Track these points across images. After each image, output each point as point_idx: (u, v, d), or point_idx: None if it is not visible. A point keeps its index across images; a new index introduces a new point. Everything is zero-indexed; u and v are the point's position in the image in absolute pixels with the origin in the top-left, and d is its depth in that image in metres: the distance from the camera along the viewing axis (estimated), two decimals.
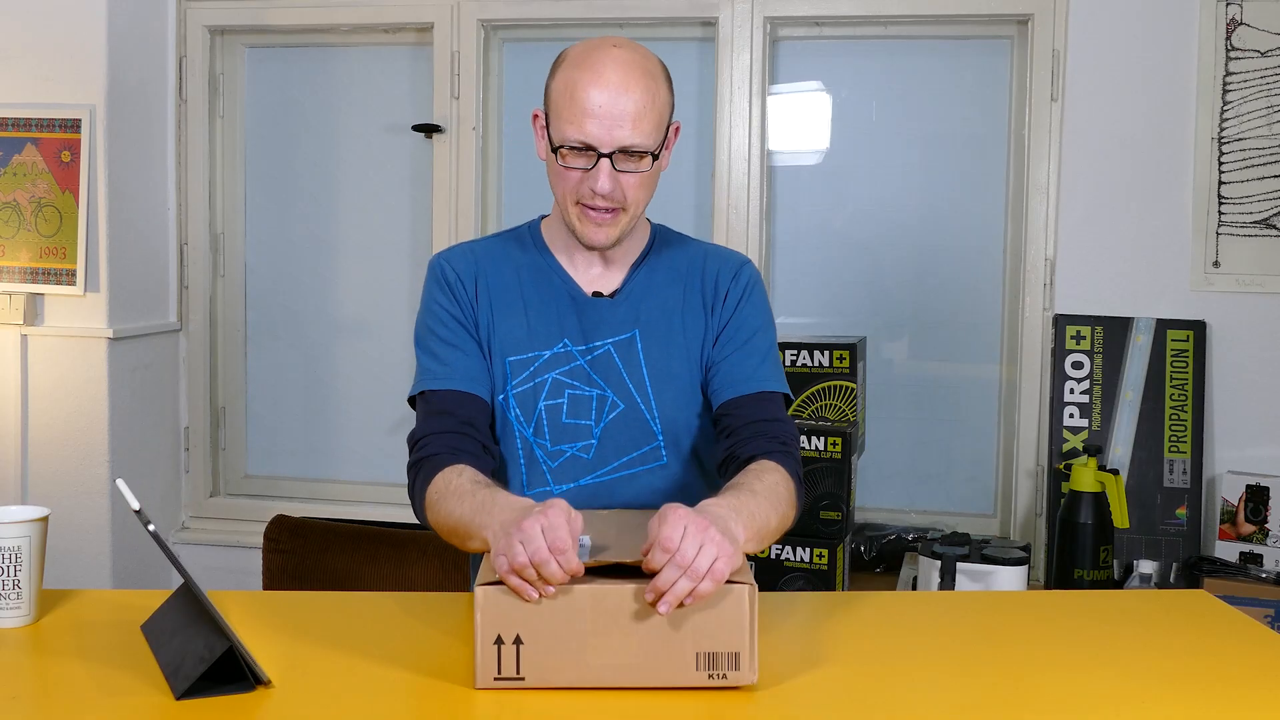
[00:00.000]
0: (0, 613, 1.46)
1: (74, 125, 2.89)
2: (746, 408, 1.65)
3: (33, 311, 2.94)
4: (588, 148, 1.56)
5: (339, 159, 3.22)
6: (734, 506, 1.39)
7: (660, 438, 1.67)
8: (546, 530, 1.24)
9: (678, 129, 1.66)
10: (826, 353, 2.64)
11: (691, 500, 1.77)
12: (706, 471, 1.73)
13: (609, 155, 1.55)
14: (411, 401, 1.70)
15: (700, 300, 1.71)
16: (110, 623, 1.48)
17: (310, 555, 2.52)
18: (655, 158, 1.60)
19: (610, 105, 1.54)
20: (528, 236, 1.75)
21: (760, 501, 1.45)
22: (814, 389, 2.64)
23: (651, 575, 1.25)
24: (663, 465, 1.68)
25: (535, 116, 1.66)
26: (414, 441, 1.62)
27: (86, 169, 2.89)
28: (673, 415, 1.67)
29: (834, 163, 3.03)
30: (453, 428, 1.60)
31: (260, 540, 2.56)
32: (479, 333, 1.68)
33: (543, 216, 1.78)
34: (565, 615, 1.25)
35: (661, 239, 1.76)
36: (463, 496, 1.46)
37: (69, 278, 2.90)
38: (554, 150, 1.59)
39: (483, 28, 3.04)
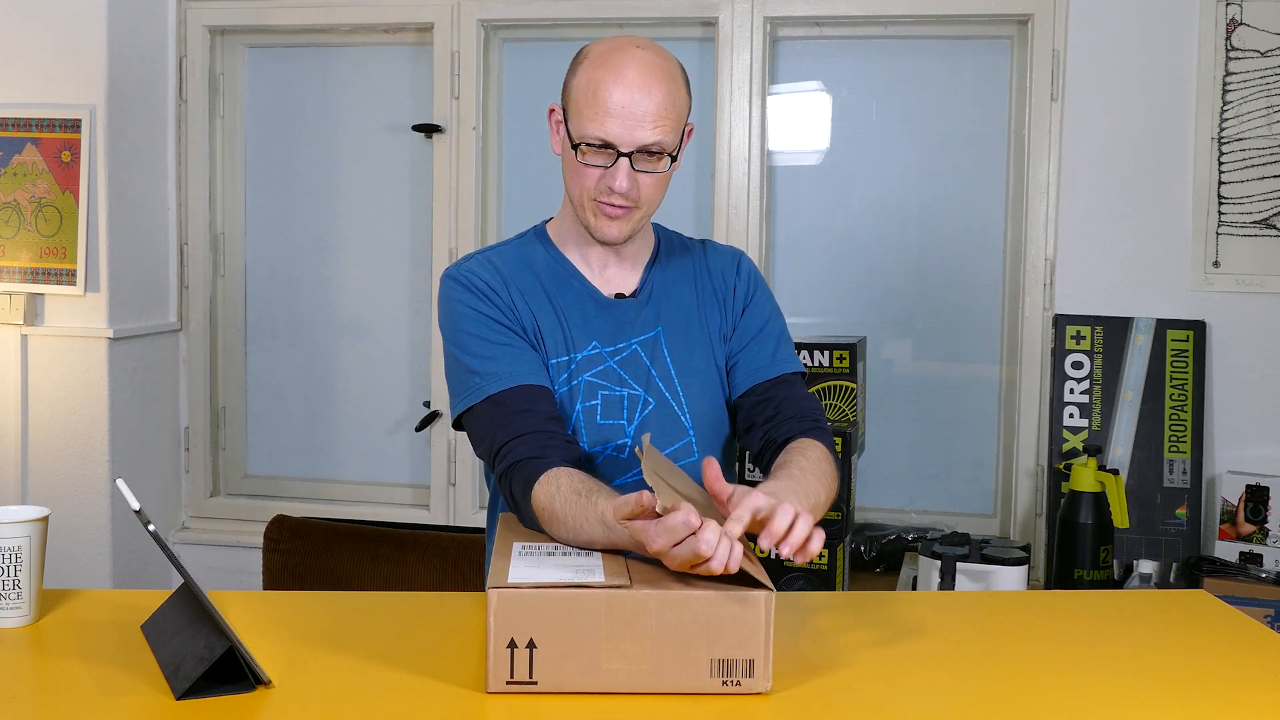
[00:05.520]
0: (0, 613, 1.46)
1: (74, 125, 2.89)
2: (771, 392, 1.71)
3: (33, 311, 2.94)
4: (607, 146, 1.57)
5: (339, 159, 3.22)
6: (792, 490, 1.44)
7: (691, 432, 1.70)
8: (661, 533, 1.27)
9: (691, 131, 1.68)
10: (827, 353, 2.64)
11: None
12: (731, 461, 1.79)
13: (628, 155, 1.57)
14: (457, 423, 1.65)
15: (713, 295, 1.76)
16: (110, 623, 1.48)
17: (310, 555, 2.52)
18: (673, 159, 1.61)
19: (632, 105, 1.55)
20: (537, 241, 1.75)
21: (810, 479, 1.50)
22: (814, 389, 2.64)
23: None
24: (694, 460, 1.70)
25: (551, 111, 1.67)
26: (496, 450, 1.57)
27: (86, 169, 2.89)
28: (701, 409, 1.71)
29: (834, 163, 3.03)
30: (537, 426, 1.56)
31: (260, 540, 2.57)
32: (527, 335, 1.66)
33: (545, 221, 1.78)
34: (579, 620, 1.24)
35: (665, 239, 1.80)
36: (582, 521, 1.42)
37: (69, 278, 2.90)
38: (574, 147, 1.60)
39: (483, 28, 3.04)
